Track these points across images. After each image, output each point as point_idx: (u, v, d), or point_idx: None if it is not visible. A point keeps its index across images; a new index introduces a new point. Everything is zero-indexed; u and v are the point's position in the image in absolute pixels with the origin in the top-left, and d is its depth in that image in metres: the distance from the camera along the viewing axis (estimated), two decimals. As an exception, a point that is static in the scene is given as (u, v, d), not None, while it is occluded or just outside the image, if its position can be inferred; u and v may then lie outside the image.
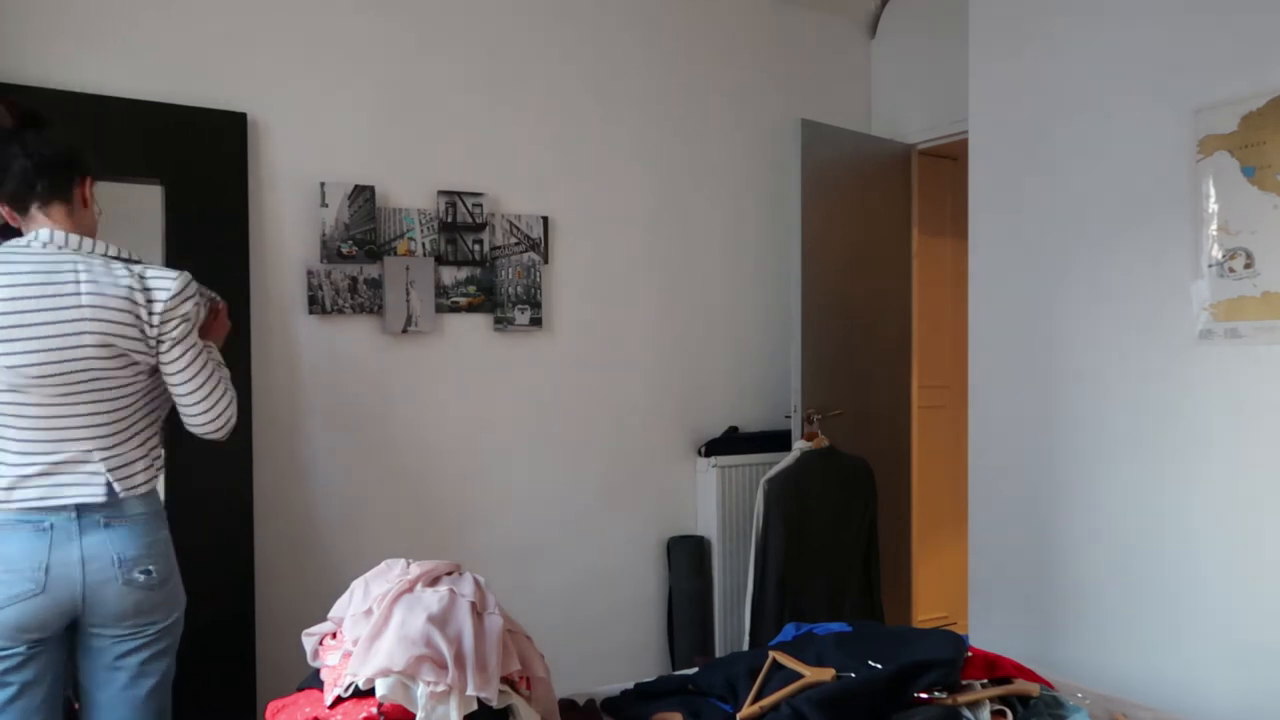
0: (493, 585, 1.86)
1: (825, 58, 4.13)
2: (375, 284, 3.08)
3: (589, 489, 3.51)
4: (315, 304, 2.98)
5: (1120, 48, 2.91)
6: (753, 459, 3.73)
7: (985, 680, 1.84)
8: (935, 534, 4.43)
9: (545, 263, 3.40)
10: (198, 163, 2.79)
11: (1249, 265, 2.59)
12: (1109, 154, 2.94)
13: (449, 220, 3.20)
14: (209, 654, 2.63)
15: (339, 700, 1.64)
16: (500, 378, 3.32)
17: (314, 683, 1.77)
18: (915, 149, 4.14)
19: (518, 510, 3.35)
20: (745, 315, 3.90)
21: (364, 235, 3.05)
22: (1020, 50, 3.21)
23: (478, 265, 3.26)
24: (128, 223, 2.75)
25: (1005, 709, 1.78)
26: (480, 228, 3.26)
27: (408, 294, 3.12)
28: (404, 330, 3.11)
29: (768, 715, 1.75)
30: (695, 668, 2.10)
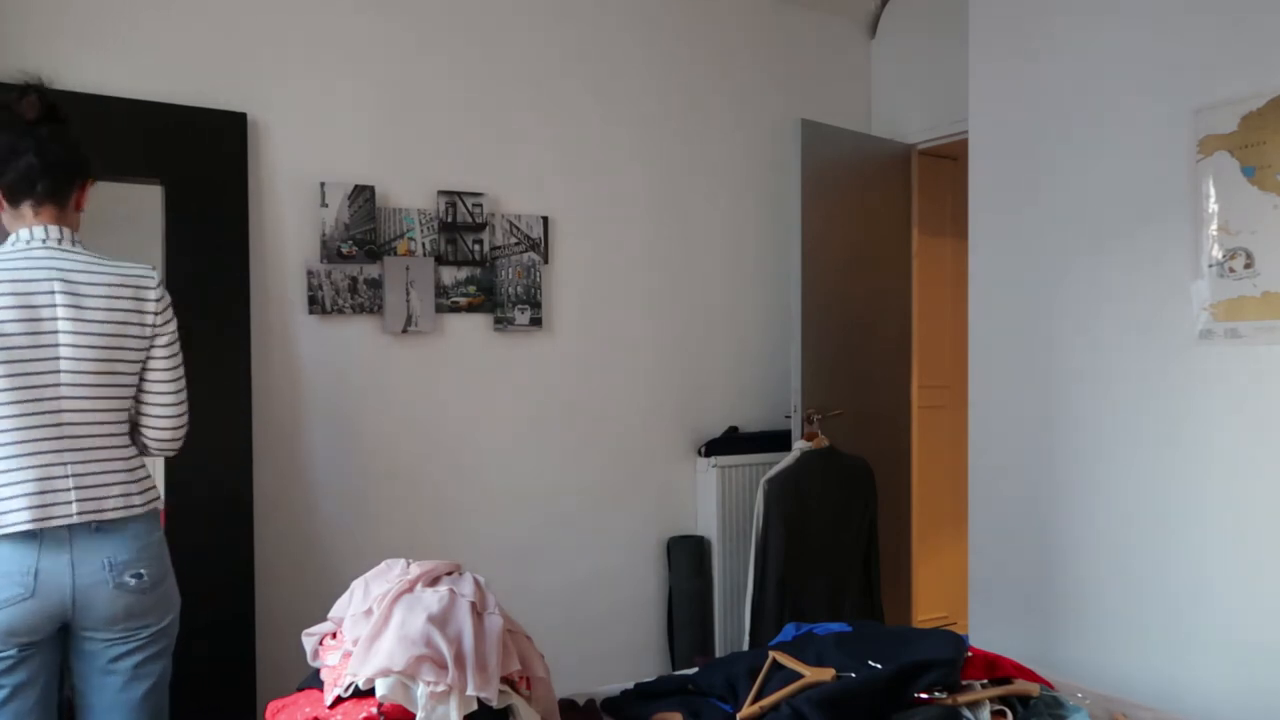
0: (493, 585, 1.86)
1: (825, 58, 4.13)
2: (375, 284, 3.08)
3: (589, 489, 3.51)
4: (315, 304, 2.98)
5: (1120, 48, 2.91)
6: (753, 459, 3.73)
7: (985, 680, 1.84)
8: (935, 534, 4.43)
9: (545, 263, 3.40)
10: (198, 163, 2.79)
11: (1249, 265, 2.59)
12: (1109, 154, 2.94)
13: (449, 220, 3.20)
14: (209, 654, 2.64)
15: (339, 700, 1.64)
16: (500, 378, 3.32)
17: (314, 683, 1.77)
18: (915, 149, 4.14)
19: (518, 510, 3.35)
20: (745, 315, 3.90)
21: (364, 235, 3.05)
22: (1020, 50, 3.21)
23: (478, 265, 3.26)
24: (128, 223, 2.75)
25: (1005, 709, 1.78)
26: (480, 228, 3.26)
27: (408, 294, 3.12)
28: (404, 330, 3.12)
29: (768, 715, 1.75)
30: (695, 668, 2.10)
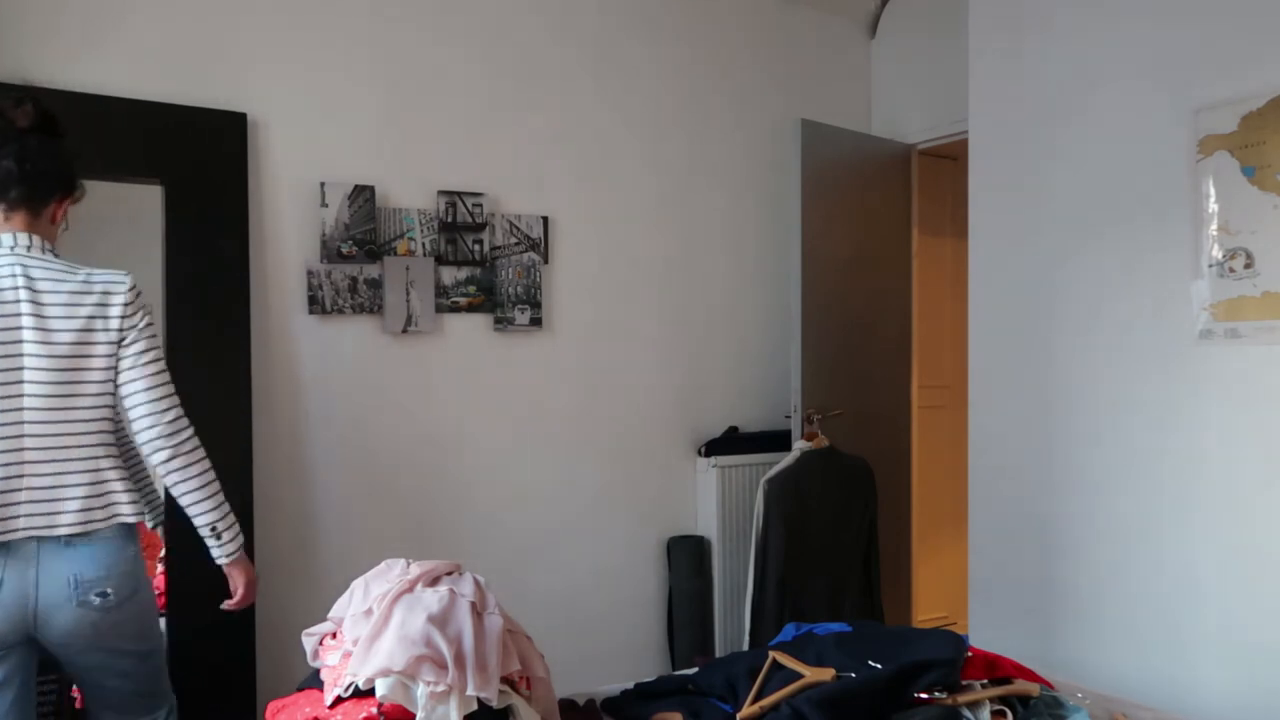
0: (493, 585, 1.86)
1: (825, 58, 4.13)
2: (375, 284, 3.08)
3: (589, 489, 3.51)
4: (315, 304, 2.98)
5: (1120, 48, 2.91)
6: (753, 459, 3.73)
7: (985, 680, 1.84)
8: (935, 534, 4.43)
9: (545, 263, 3.40)
10: (198, 163, 2.79)
11: (1249, 265, 2.59)
12: (1109, 154, 2.94)
13: (449, 220, 3.20)
14: (209, 654, 2.64)
15: (339, 700, 1.64)
16: (500, 378, 3.32)
17: (314, 683, 1.77)
18: (915, 149, 4.14)
19: (518, 510, 3.35)
20: (745, 315, 3.90)
21: (364, 235, 3.05)
22: (1020, 50, 3.21)
23: (478, 265, 3.26)
24: (128, 223, 2.76)
25: (1005, 709, 1.78)
26: (480, 228, 3.26)
27: (408, 294, 3.12)
28: (404, 330, 3.11)
29: (768, 715, 1.75)
30: (695, 668, 2.10)
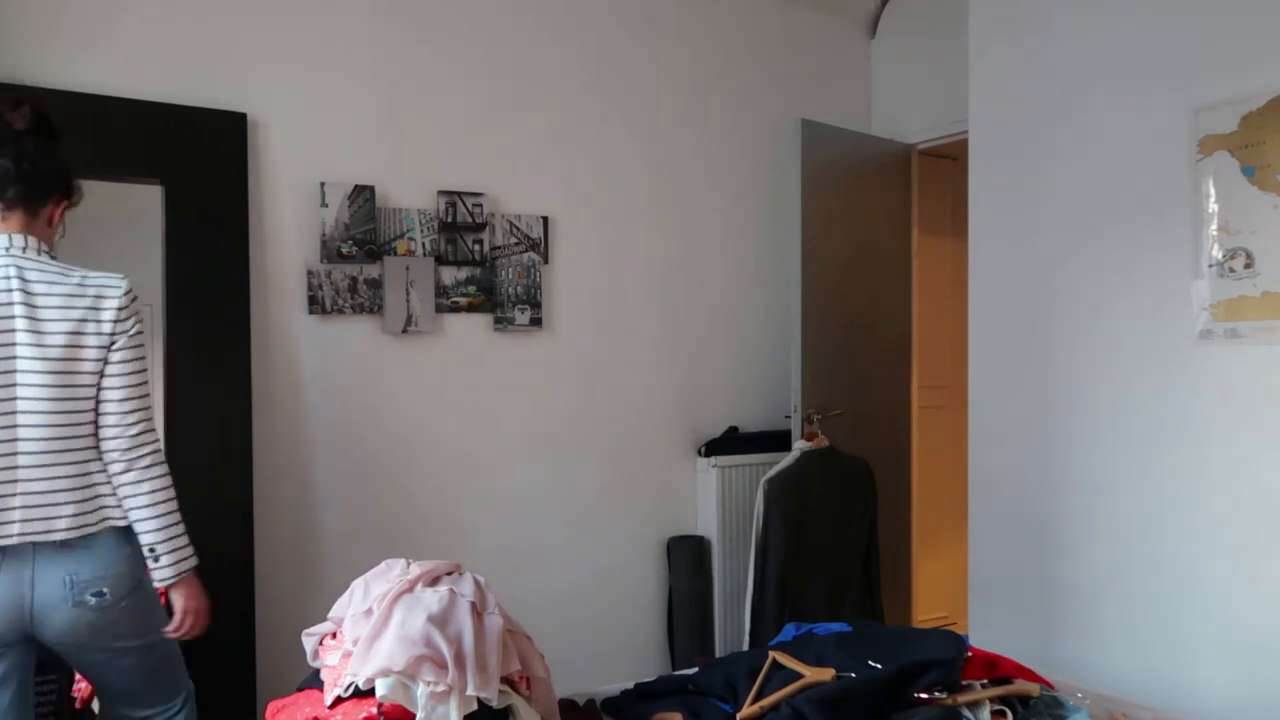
0: (492, 585, 1.86)
1: (825, 58, 4.13)
2: (375, 284, 3.08)
3: (589, 489, 3.51)
4: (315, 304, 2.98)
5: (1120, 48, 2.91)
6: (753, 459, 3.73)
7: (985, 680, 1.84)
8: (935, 534, 4.43)
9: (545, 263, 3.40)
10: (198, 163, 2.79)
11: (1249, 265, 2.59)
12: (1109, 154, 2.94)
13: (449, 220, 3.20)
14: (209, 654, 2.63)
15: (339, 700, 1.64)
16: (500, 378, 3.32)
17: (314, 683, 1.77)
18: (915, 149, 4.14)
19: (518, 510, 3.35)
20: (745, 315, 3.90)
21: (364, 235, 3.05)
22: (1020, 50, 3.21)
23: (478, 265, 3.26)
24: (128, 223, 2.75)
25: (1005, 709, 1.78)
26: (480, 228, 3.25)
27: (408, 294, 3.12)
28: (404, 330, 3.11)
29: (768, 715, 1.75)
30: (695, 668, 2.10)
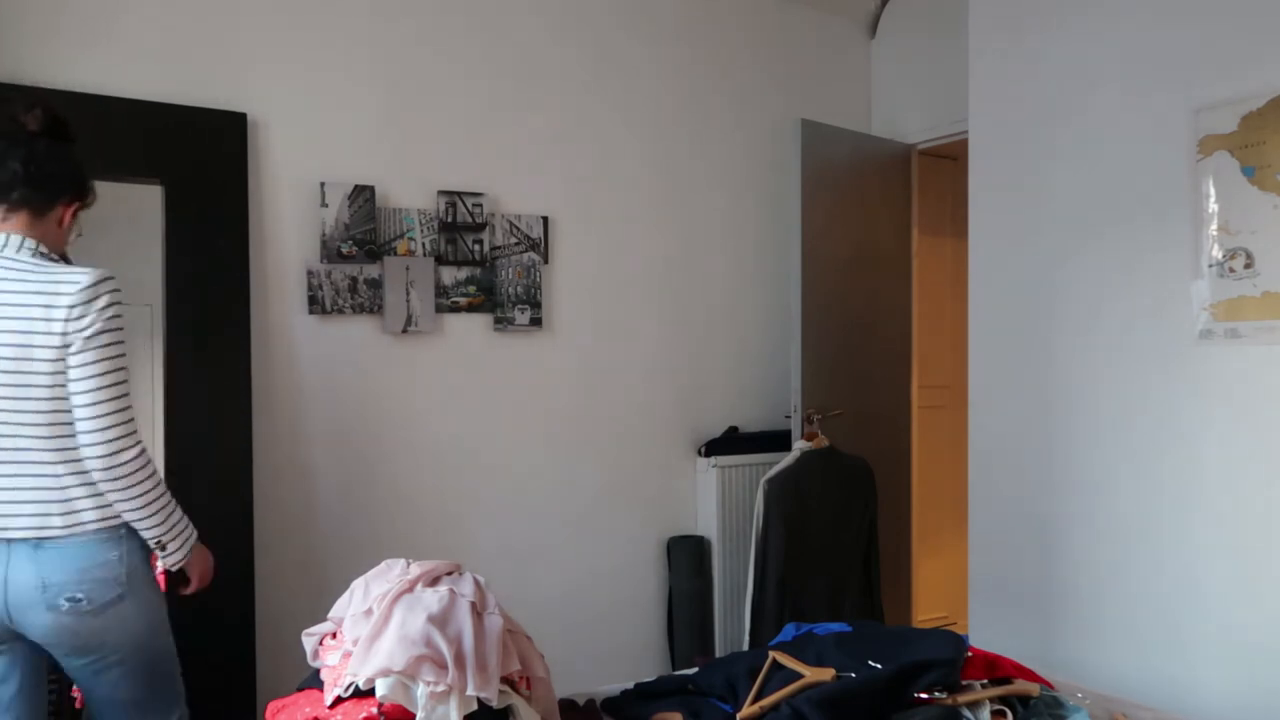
0: (493, 585, 1.86)
1: (825, 58, 4.13)
2: (375, 284, 3.08)
3: (589, 489, 3.51)
4: (315, 304, 2.98)
5: (1120, 48, 2.91)
6: (753, 459, 3.73)
7: (985, 680, 1.84)
8: (935, 534, 4.43)
9: (545, 263, 3.40)
10: (198, 163, 2.79)
11: (1249, 265, 2.59)
12: (1109, 154, 2.94)
13: (449, 220, 3.20)
14: (209, 654, 2.63)
15: (339, 700, 1.64)
16: (500, 378, 3.32)
17: (314, 683, 1.77)
18: (915, 149, 4.14)
19: (518, 510, 3.35)
20: (745, 315, 3.90)
21: (364, 235, 3.05)
22: (1020, 50, 3.21)
23: (478, 265, 3.26)
24: (128, 223, 2.75)
25: (1005, 709, 1.78)
26: (480, 228, 3.25)
27: (408, 294, 3.12)
28: (404, 330, 3.11)
29: (768, 715, 1.75)
30: (695, 668, 2.10)
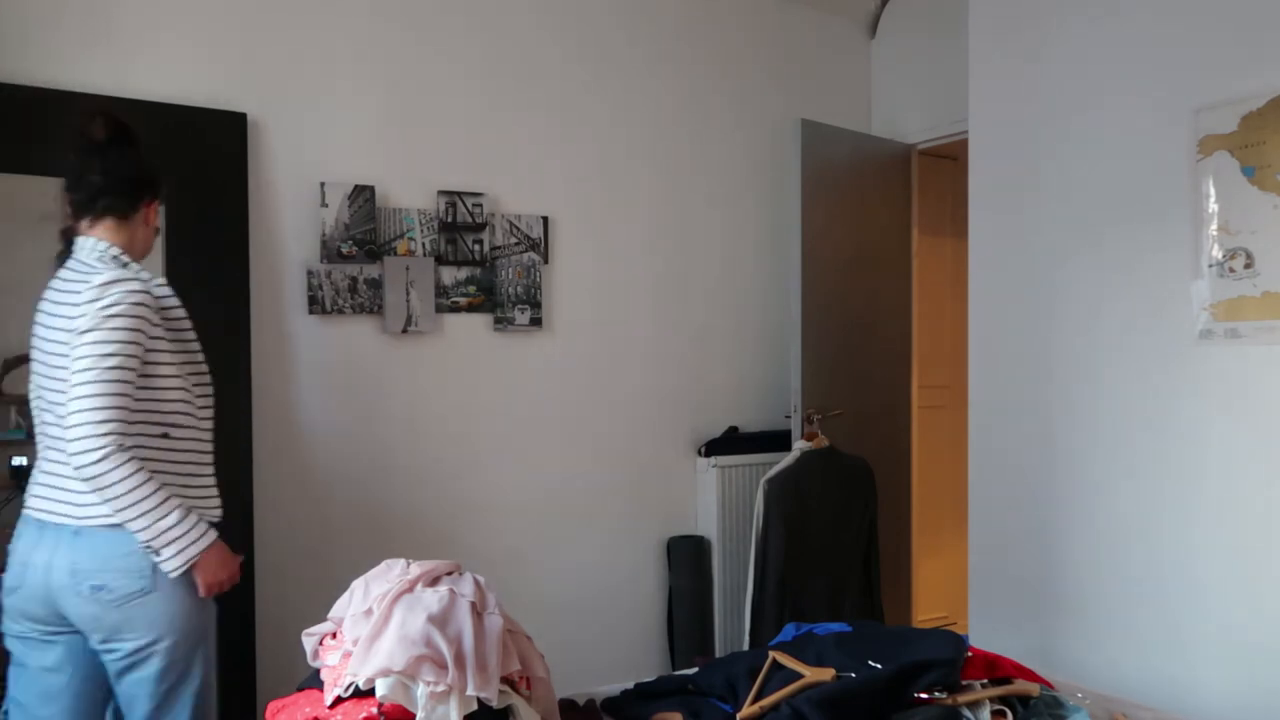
0: (492, 585, 1.86)
1: (825, 58, 4.13)
2: (375, 284, 3.08)
3: (589, 489, 3.51)
4: (315, 304, 2.98)
5: (1120, 48, 2.91)
6: (753, 459, 3.73)
7: (985, 680, 1.84)
8: (935, 534, 4.43)
9: (545, 263, 3.40)
10: (198, 163, 2.78)
11: (1249, 265, 2.59)
12: (1109, 154, 2.94)
13: (449, 220, 3.20)
14: (209, 654, 2.63)
15: (339, 700, 1.64)
16: (500, 378, 3.32)
17: (314, 683, 1.77)
18: (915, 149, 4.14)
19: (518, 510, 3.35)
20: (745, 315, 3.89)
21: (364, 235, 3.05)
22: (1020, 50, 3.21)
23: (478, 265, 3.26)
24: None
25: (1005, 709, 1.78)
26: (480, 228, 3.25)
27: (408, 294, 3.12)
28: (404, 330, 3.11)
29: (768, 715, 1.75)
30: (695, 668, 2.10)
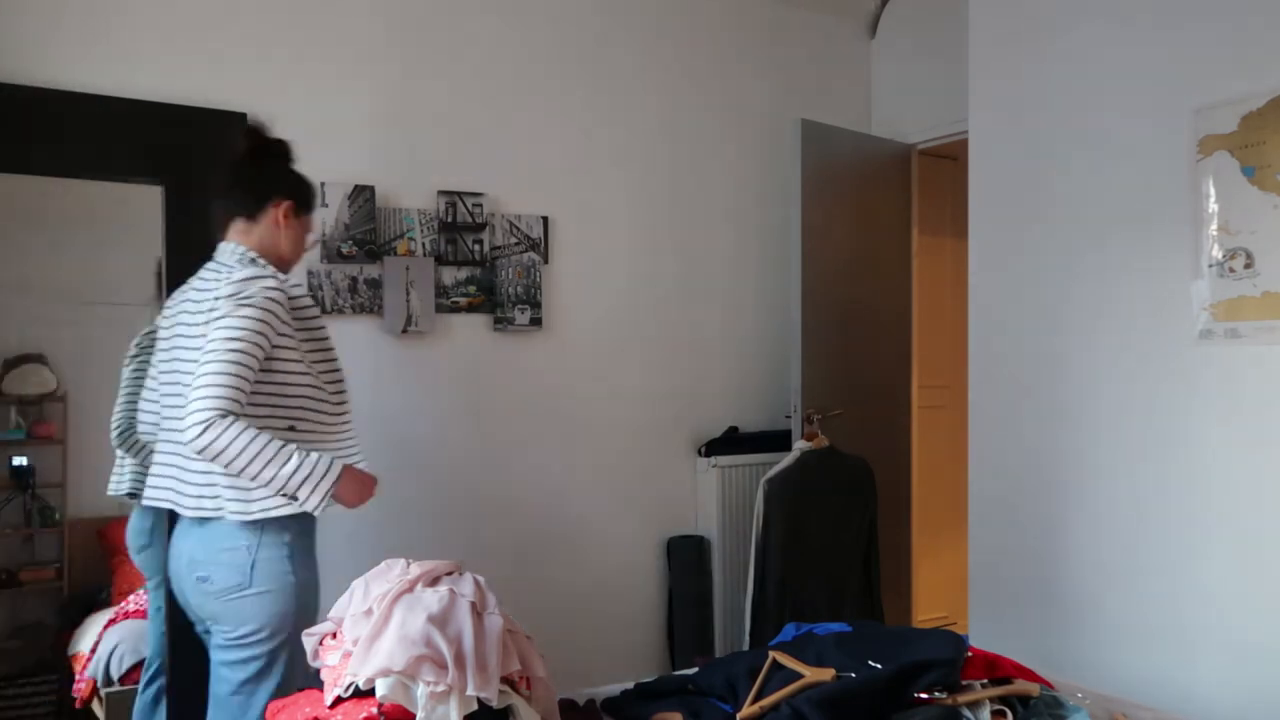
0: (492, 585, 1.86)
1: (825, 58, 4.13)
2: (375, 284, 3.08)
3: (589, 489, 3.51)
4: (315, 304, 2.97)
5: (1120, 48, 2.91)
6: (753, 459, 3.73)
7: (985, 680, 1.84)
8: (935, 534, 4.43)
9: (545, 263, 3.40)
10: (198, 163, 2.78)
11: (1249, 265, 2.59)
12: (1109, 154, 2.94)
13: (449, 220, 3.20)
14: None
15: (339, 700, 1.64)
16: (500, 378, 3.32)
17: (314, 683, 1.77)
18: (915, 149, 4.14)
19: (517, 510, 3.35)
20: (745, 315, 3.89)
21: (364, 235, 3.05)
22: (1020, 50, 3.21)
23: (478, 265, 3.26)
24: (128, 223, 2.76)
25: (1005, 709, 1.78)
26: (480, 228, 3.25)
27: (408, 294, 3.12)
28: (404, 330, 3.11)
29: (768, 715, 1.75)
30: (695, 668, 2.10)
